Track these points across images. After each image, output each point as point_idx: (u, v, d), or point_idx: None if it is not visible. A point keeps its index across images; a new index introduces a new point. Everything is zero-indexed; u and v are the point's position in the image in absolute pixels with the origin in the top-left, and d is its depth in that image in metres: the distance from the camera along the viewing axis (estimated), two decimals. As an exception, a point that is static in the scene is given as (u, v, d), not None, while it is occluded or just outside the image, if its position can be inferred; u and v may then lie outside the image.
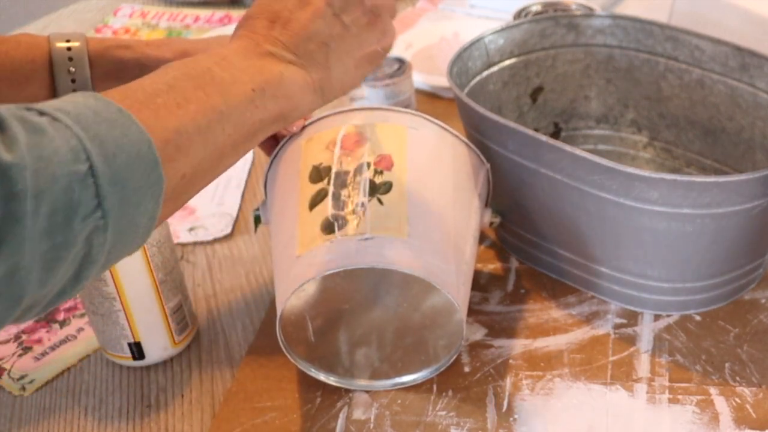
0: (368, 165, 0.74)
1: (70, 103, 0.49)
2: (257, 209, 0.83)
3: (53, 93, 0.74)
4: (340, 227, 0.71)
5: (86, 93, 0.51)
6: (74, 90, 0.74)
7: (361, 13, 0.63)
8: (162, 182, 0.51)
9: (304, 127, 0.78)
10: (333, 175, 0.74)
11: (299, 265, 0.70)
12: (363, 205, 0.71)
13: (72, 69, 0.73)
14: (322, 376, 0.77)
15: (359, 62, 0.64)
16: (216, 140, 0.56)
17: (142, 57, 0.74)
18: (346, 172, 0.73)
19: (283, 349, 0.74)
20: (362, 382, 0.77)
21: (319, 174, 0.74)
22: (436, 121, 0.78)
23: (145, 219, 0.51)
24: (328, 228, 0.71)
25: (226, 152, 0.58)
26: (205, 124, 0.55)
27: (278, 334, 0.73)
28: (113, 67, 0.74)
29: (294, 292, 0.70)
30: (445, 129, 0.78)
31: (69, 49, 0.74)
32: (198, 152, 0.55)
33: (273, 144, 0.81)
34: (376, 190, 0.72)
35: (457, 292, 0.72)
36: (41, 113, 0.47)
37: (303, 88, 0.61)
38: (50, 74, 0.74)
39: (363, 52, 0.63)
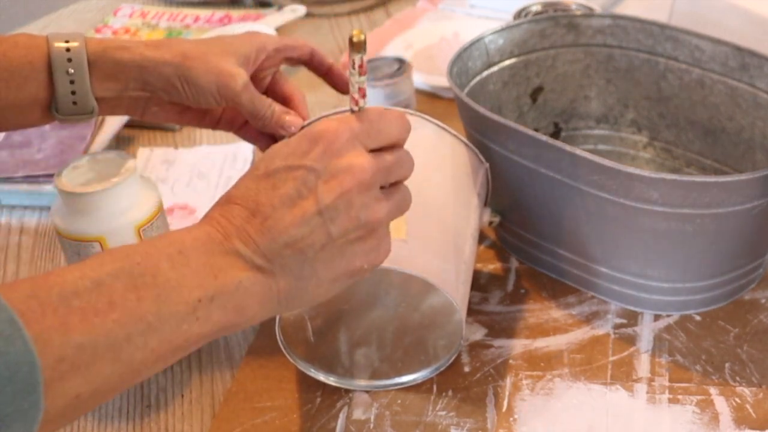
0: None
1: None
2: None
3: (52, 94, 0.74)
4: None
5: None
6: (73, 92, 0.74)
7: (354, 227, 0.56)
8: (39, 409, 0.45)
9: (303, 128, 0.78)
10: None
11: None
12: None
13: (71, 70, 0.73)
14: (321, 377, 0.77)
15: (338, 277, 0.57)
16: (132, 356, 0.49)
17: (141, 58, 0.74)
18: None
19: (283, 350, 0.74)
20: (362, 382, 0.77)
21: None
22: (434, 120, 0.78)
23: None
24: None
25: (143, 369, 0.50)
26: (123, 337, 0.48)
27: (278, 335, 0.73)
28: (112, 69, 0.74)
29: None
30: (444, 128, 0.79)
31: (68, 50, 0.73)
32: (103, 370, 0.48)
33: (272, 144, 0.81)
34: None
35: (456, 291, 0.72)
36: None
37: (261, 299, 0.54)
38: (49, 75, 0.73)
39: (345, 267, 0.56)
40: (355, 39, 0.56)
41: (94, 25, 1.46)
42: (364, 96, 0.59)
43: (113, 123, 1.11)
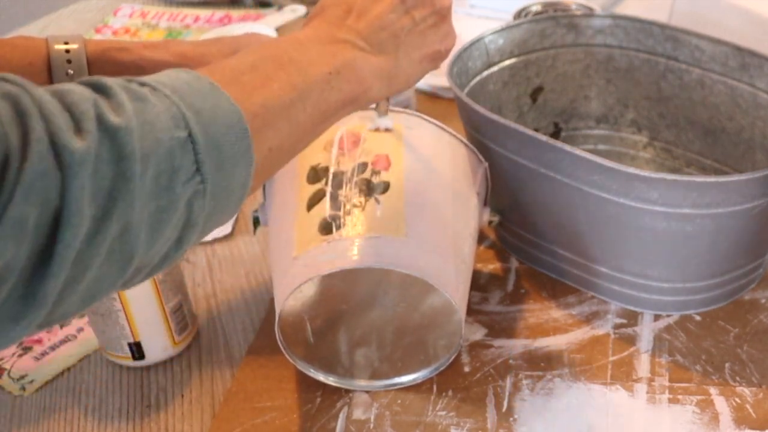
0: (365, 165, 0.74)
1: (166, 76, 0.52)
2: (256, 211, 0.83)
3: None
4: (338, 228, 0.71)
5: (180, 69, 0.54)
6: None
7: (430, 12, 0.66)
8: (252, 152, 0.53)
9: None
10: (330, 176, 0.74)
11: (296, 266, 0.70)
12: (361, 205, 0.71)
13: (70, 71, 0.73)
14: (321, 377, 0.77)
15: (423, 58, 0.66)
16: (297, 117, 0.58)
17: (140, 59, 0.74)
18: (344, 173, 0.73)
19: (283, 350, 0.74)
20: (362, 382, 0.77)
21: (316, 175, 0.74)
22: (433, 120, 0.78)
23: (238, 187, 0.53)
24: (326, 228, 0.71)
25: (307, 130, 0.60)
26: (288, 102, 0.57)
27: (277, 336, 0.73)
28: (111, 70, 0.74)
29: (292, 293, 0.70)
30: (442, 128, 0.79)
31: (67, 51, 0.73)
32: (282, 128, 0.57)
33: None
34: (373, 190, 0.72)
35: (455, 291, 0.72)
36: (142, 84, 0.49)
37: (374, 73, 0.63)
38: (48, 77, 0.74)
39: (428, 49, 0.66)
40: None
41: (94, 25, 1.46)
42: None
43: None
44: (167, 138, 0.48)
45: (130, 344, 0.80)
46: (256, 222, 0.84)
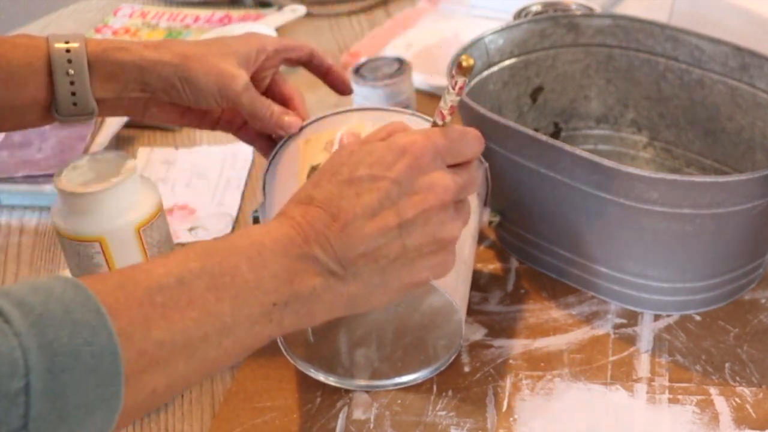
0: None
1: (45, 292, 0.46)
2: (256, 211, 0.83)
3: (52, 95, 0.74)
4: None
5: (71, 282, 0.47)
6: (73, 93, 0.74)
7: (427, 242, 0.58)
8: (120, 398, 0.46)
9: (302, 128, 0.78)
10: None
11: None
12: None
13: (71, 71, 0.73)
14: (321, 377, 0.76)
15: (403, 286, 0.59)
16: (207, 354, 0.51)
17: (141, 59, 0.74)
18: None
19: (283, 350, 0.74)
20: (362, 382, 0.77)
21: None
22: (431, 119, 0.78)
23: None
24: None
25: (214, 366, 0.53)
26: (199, 336, 0.50)
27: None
28: (112, 69, 0.74)
29: None
30: None
31: (68, 50, 0.73)
32: (179, 366, 0.50)
33: (270, 145, 0.81)
34: None
35: (455, 291, 0.72)
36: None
37: (330, 304, 0.56)
38: (49, 76, 0.73)
39: (412, 278, 0.58)
40: (464, 64, 0.59)
41: (94, 25, 1.46)
42: (452, 113, 0.61)
43: (113, 123, 1.11)
44: None
45: (130, 344, 0.79)
46: (256, 222, 0.84)
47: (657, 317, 0.81)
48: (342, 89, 0.83)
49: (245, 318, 0.52)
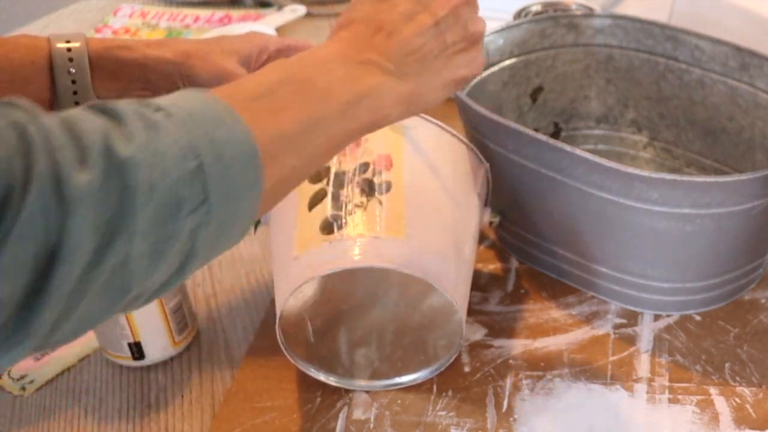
0: (367, 165, 0.74)
1: (182, 98, 0.51)
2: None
3: (53, 94, 0.74)
4: (339, 227, 0.71)
5: (196, 90, 0.53)
6: (75, 92, 0.74)
7: (462, 37, 0.63)
8: (261, 182, 0.52)
9: None
10: (332, 176, 0.74)
11: (298, 266, 0.70)
12: (363, 205, 0.71)
13: (72, 70, 0.73)
14: (322, 377, 0.76)
15: (447, 83, 0.64)
16: (308, 147, 0.57)
17: (143, 57, 0.74)
18: (345, 173, 0.73)
19: (283, 350, 0.74)
20: (362, 382, 0.77)
21: (318, 174, 0.74)
22: (434, 120, 0.78)
23: (245, 216, 0.53)
24: (328, 228, 0.71)
25: (317, 158, 0.59)
26: (301, 131, 0.56)
27: (278, 335, 0.73)
28: (114, 68, 0.74)
29: (293, 293, 0.70)
30: (444, 128, 0.78)
31: (69, 50, 0.73)
32: (293, 157, 0.56)
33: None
34: (375, 190, 0.72)
35: (455, 291, 0.72)
36: (157, 109, 0.49)
37: (394, 100, 0.61)
38: (50, 75, 0.74)
39: (453, 74, 0.63)
40: None
41: (94, 25, 1.46)
42: None
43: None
44: (176, 169, 0.47)
45: (130, 344, 0.80)
46: (257, 221, 0.84)
47: (657, 317, 0.81)
48: None
49: (329, 114, 0.58)
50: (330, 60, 0.60)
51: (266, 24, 1.35)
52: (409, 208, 0.72)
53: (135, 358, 0.81)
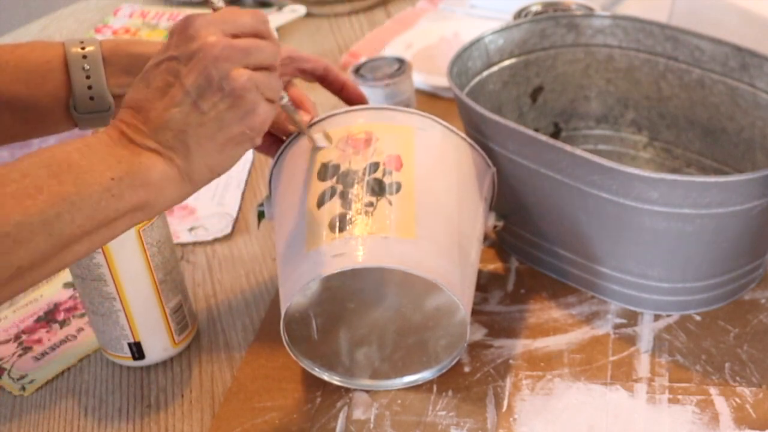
0: (377, 165, 0.73)
1: None
2: (261, 204, 0.83)
3: (69, 92, 0.75)
4: (349, 226, 0.70)
5: None
6: (89, 87, 0.75)
7: (220, 98, 0.61)
8: None
9: (312, 125, 0.77)
10: (342, 174, 0.73)
11: (306, 263, 0.70)
12: (372, 204, 0.71)
13: (86, 66, 0.75)
14: (325, 376, 0.76)
15: (223, 146, 0.62)
16: (63, 231, 0.57)
17: (155, 50, 0.75)
18: (355, 172, 0.73)
19: (286, 347, 0.74)
20: (366, 382, 0.77)
21: (328, 172, 0.74)
22: (444, 122, 0.78)
23: None
24: (337, 226, 0.71)
25: (74, 243, 0.59)
26: (53, 215, 0.56)
27: (282, 332, 0.73)
28: (126, 63, 0.76)
29: (301, 290, 0.70)
30: (453, 131, 0.78)
31: (83, 48, 0.76)
32: (40, 244, 0.56)
33: (271, 144, 0.81)
34: (385, 190, 0.72)
35: (462, 294, 0.72)
36: None
37: (164, 177, 0.61)
38: (66, 73, 0.75)
39: (225, 135, 0.62)
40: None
41: (94, 25, 1.46)
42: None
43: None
44: None
45: (130, 344, 0.80)
46: (261, 216, 0.84)
47: (657, 317, 0.81)
48: (357, 102, 0.84)
49: (89, 195, 0.58)
50: (97, 143, 0.61)
51: (266, 24, 1.35)
52: (419, 209, 0.72)
53: (135, 358, 0.81)
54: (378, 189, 0.72)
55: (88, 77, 0.75)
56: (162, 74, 0.61)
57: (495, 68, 0.92)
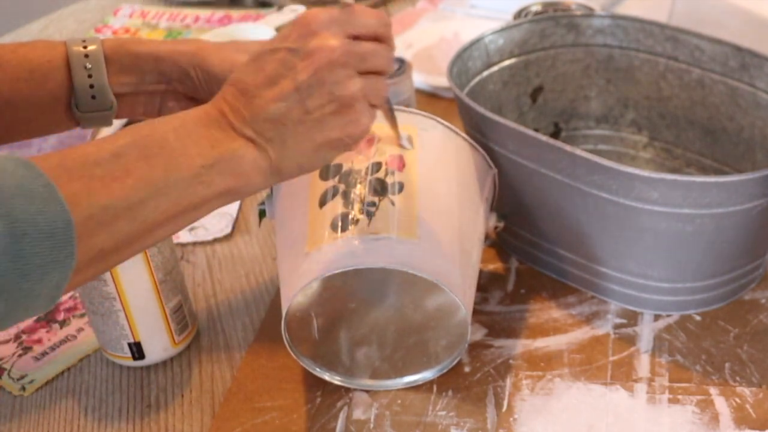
0: (380, 165, 0.73)
1: (2, 171, 0.51)
2: (262, 203, 0.83)
3: (71, 91, 0.76)
4: (351, 226, 0.70)
5: (21, 161, 0.52)
6: (91, 86, 0.75)
7: (327, 101, 0.61)
8: (72, 259, 0.52)
9: None
10: (344, 173, 0.73)
11: (308, 262, 0.70)
12: (374, 204, 0.71)
13: (88, 65, 0.75)
14: (326, 376, 0.76)
15: (319, 147, 0.62)
16: (146, 216, 0.57)
17: (156, 50, 0.76)
18: (358, 171, 0.73)
19: (287, 347, 0.74)
20: (367, 382, 0.77)
21: (330, 171, 0.74)
22: (446, 123, 0.78)
23: (48, 290, 0.52)
24: (339, 226, 0.71)
25: (157, 227, 0.58)
26: (138, 201, 0.56)
27: (283, 331, 0.73)
28: (128, 61, 0.76)
29: (302, 289, 0.70)
30: (455, 132, 0.78)
31: (85, 47, 0.76)
32: (122, 228, 0.56)
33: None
34: (387, 190, 0.72)
35: (463, 295, 0.72)
36: None
37: (255, 167, 0.61)
38: (68, 72, 0.75)
39: (325, 137, 0.61)
40: None
41: (94, 25, 1.46)
42: None
43: (113, 123, 1.11)
44: None
45: (130, 344, 0.80)
46: (262, 214, 0.84)
47: (657, 317, 0.81)
48: None
49: (177, 181, 0.57)
50: (191, 122, 0.60)
51: (266, 24, 1.35)
52: (421, 209, 0.72)
53: (135, 358, 0.81)
54: (380, 189, 0.72)
55: (90, 76, 0.75)
56: (276, 63, 0.60)
57: (495, 68, 0.92)
